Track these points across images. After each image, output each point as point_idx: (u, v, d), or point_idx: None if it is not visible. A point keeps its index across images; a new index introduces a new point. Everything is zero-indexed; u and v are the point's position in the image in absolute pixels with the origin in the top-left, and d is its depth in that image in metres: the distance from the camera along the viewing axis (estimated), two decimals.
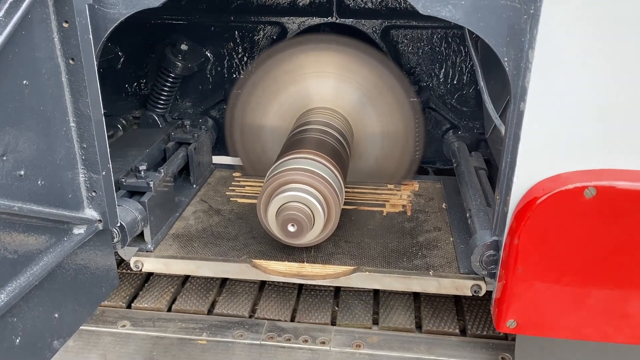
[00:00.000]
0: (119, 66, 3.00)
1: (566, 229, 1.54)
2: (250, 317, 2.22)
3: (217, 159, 3.02)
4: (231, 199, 2.61)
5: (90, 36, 1.55)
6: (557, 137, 1.52)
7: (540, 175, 1.56)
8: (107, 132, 2.86)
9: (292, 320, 2.20)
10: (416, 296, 2.31)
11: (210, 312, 2.25)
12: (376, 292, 2.34)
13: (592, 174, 1.51)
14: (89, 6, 1.59)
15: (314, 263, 2.09)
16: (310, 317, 2.20)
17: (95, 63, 1.59)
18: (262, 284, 2.38)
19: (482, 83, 1.79)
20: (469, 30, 1.62)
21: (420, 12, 1.53)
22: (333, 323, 2.19)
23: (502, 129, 1.72)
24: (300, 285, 2.36)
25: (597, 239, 1.53)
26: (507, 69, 1.54)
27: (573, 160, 1.53)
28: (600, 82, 1.44)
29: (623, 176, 1.48)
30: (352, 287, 2.31)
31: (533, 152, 1.55)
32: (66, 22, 1.49)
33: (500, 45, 1.53)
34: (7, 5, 1.32)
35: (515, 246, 1.59)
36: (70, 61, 1.54)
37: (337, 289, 2.36)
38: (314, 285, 2.34)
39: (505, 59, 1.54)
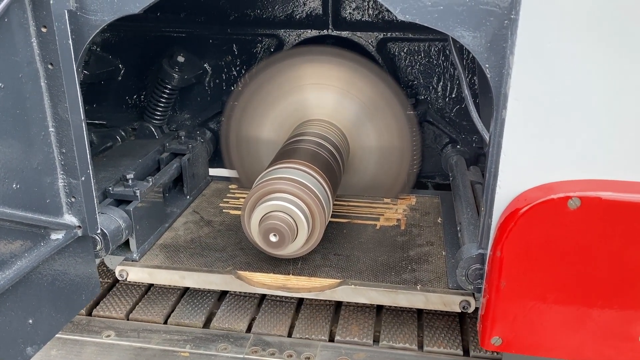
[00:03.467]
0: (120, 78, 3.03)
1: (550, 241, 1.47)
2: (238, 330, 2.16)
3: (215, 171, 3.01)
4: (224, 210, 2.59)
5: (70, 41, 1.55)
6: (540, 146, 1.47)
7: (523, 185, 1.51)
8: (106, 143, 2.93)
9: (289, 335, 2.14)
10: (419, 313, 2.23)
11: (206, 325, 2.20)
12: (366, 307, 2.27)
13: (577, 184, 1.45)
14: (71, 12, 1.61)
15: (300, 275, 2.05)
16: (298, 331, 2.14)
17: (75, 68, 1.59)
18: (262, 297, 2.33)
19: (466, 91, 1.75)
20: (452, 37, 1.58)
21: (399, 17, 1.51)
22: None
23: (487, 137, 1.67)
24: (300, 300, 2.29)
25: (583, 251, 1.46)
26: (488, 75, 1.51)
27: (557, 170, 1.47)
28: (582, 89, 1.39)
29: (608, 187, 1.42)
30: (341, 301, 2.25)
31: (515, 161, 1.50)
32: (44, 27, 1.50)
33: (481, 51, 1.50)
34: None
35: (499, 259, 1.53)
36: (49, 66, 1.54)
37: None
38: (309, 300, 2.27)
39: (487, 66, 1.50)
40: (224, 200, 2.70)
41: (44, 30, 1.50)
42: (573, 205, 1.43)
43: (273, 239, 1.86)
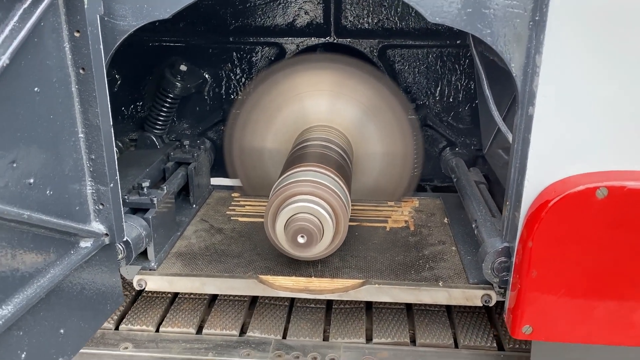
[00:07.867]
0: (116, 89, 2.98)
1: (579, 230, 1.54)
2: (257, 336, 2.15)
3: (215, 181, 3.00)
4: (232, 218, 2.59)
5: (101, 46, 1.55)
6: (567, 140, 1.54)
7: (551, 178, 1.58)
8: None
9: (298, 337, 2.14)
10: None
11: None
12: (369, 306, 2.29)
13: (603, 175, 1.53)
14: (100, 17, 1.60)
15: (322, 277, 2.07)
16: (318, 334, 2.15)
17: (105, 73, 1.59)
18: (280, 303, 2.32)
19: (487, 91, 1.82)
20: (473, 39, 1.65)
21: (429, 20, 1.57)
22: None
23: (509, 135, 1.74)
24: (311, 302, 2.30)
25: (610, 240, 1.53)
26: (514, 74, 1.58)
27: (583, 163, 1.55)
28: (608, 85, 1.48)
29: (633, 177, 1.50)
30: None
31: (543, 155, 1.57)
32: (77, 31, 1.49)
33: (506, 51, 1.57)
34: (20, 11, 1.32)
35: (529, 250, 1.59)
36: (81, 71, 1.53)
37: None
38: (324, 301, 2.29)
39: (513, 65, 1.57)
40: (230, 208, 2.69)
41: (77, 34, 1.49)
42: (601, 195, 1.50)
43: (301, 240, 1.87)
